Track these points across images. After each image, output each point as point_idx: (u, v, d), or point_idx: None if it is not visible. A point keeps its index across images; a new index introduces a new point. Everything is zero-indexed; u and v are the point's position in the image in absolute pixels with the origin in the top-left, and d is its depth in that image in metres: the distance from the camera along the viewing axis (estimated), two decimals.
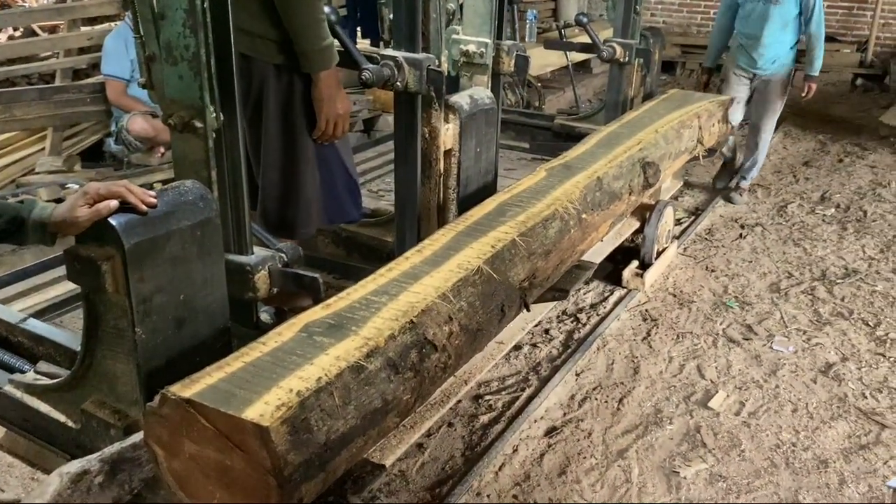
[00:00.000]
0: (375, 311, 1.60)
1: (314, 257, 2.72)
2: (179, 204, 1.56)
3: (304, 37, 2.05)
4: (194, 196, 1.59)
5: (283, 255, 1.91)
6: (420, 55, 2.25)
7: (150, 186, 3.13)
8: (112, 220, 1.45)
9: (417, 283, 1.74)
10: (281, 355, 1.43)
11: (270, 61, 2.12)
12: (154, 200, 1.51)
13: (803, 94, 4.51)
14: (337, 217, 2.44)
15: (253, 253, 1.89)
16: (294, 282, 1.87)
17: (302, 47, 2.07)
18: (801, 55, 4.42)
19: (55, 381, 1.77)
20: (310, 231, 2.37)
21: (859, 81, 8.25)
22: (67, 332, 2.16)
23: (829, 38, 8.34)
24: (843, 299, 3.50)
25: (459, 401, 2.58)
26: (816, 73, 4.40)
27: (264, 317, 2.04)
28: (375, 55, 2.31)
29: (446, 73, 2.38)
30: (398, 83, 2.26)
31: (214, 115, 1.66)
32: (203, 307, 1.64)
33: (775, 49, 4.32)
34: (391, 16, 2.35)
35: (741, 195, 4.69)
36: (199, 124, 1.65)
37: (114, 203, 1.46)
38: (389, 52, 2.28)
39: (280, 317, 2.09)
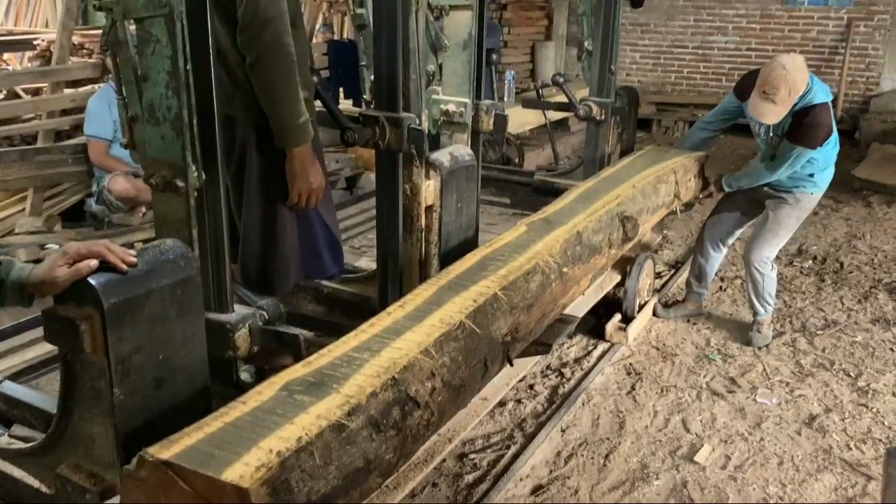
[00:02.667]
0: (357, 367, 1.59)
1: (295, 314, 2.71)
2: (160, 263, 1.56)
3: (278, 114, 2.06)
4: (175, 255, 1.59)
5: (263, 312, 1.90)
6: (401, 114, 2.29)
7: (130, 246, 3.13)
8: (91, 280, 1.45)
9: (400, 339, 1.74)
10: (261, 415, 1.41)
11: (253, 123, 2.15)
12: (134, 260, 1.51)
13: (701, 195, 3.82)
14: (315, 272, 2.45)
15: (233, 311, 1.89)
16: (275, 339, 1.86)
17: (276, 124, 2.07)
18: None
19: (29, 444, 1.73)
20: (288, 287, 2.37)
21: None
22: (43, 395, 2.11)
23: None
24: (823, 350, 3.52)
25: (444, 460, 2.55)
26: (728, 187, 3.59)
27: (244, 376, 2.02)
28: (357, 115, 2.35)
29: (427, 132, 2.42)
30: (380, 142, 2.30)
31: (196, 174, 1.68)
32: (182, 367, 1.62)
33: (774, 168, 3.39)
34: (372, 77, 2.39)
35: (760, 331, 3.59)
36: (180, 183, 1.67)
37: (94, 262, 1.45)
38: (371, 112, 2.32)
39: (260, 375, 2.07)
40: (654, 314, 3.84)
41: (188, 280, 1.60)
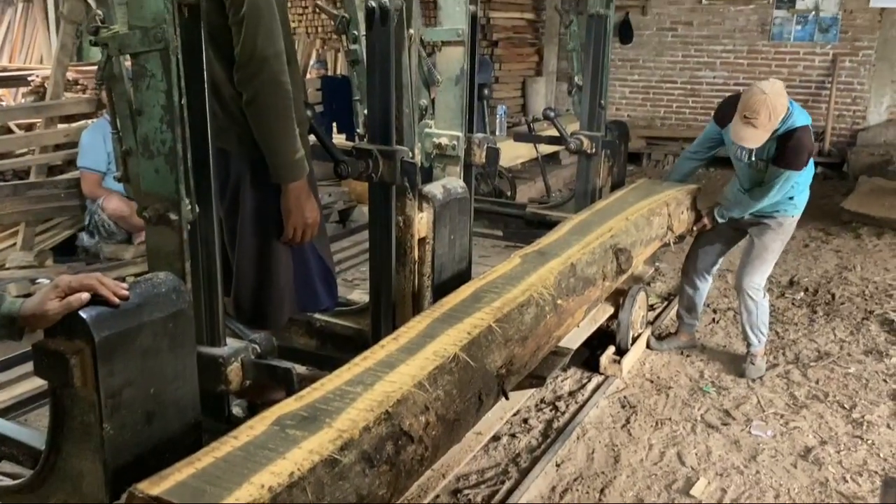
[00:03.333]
0: (350, 401, 1.57)
1: (288, 348, 2.69)
2: (152, 296, 1.55)
3: (275, 150, 2.07)
4: (167, 288, 1.58)
5: (256, 346, 1.89)
6: (394, 147, 2.30)
7: (122, 279, 3.12)
8: (82, 313, 1.44)
9: (393, 372, 1.73)
10: (253, 449, 1.39)
11: (248, 157, 2.16)
12: (126, 293, 1.50)
13: (695, 228, 3.75)
14: (310, 305, 2.44)
15: (226, 344, 1.87)
16: (267, 373, 1.85)
17: (272, 159, 2.08)
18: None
19: (17, 482, 1.70)
20: (283, 321, 2.36)
21: (819, 169, 8.55)
22: (32, 431, 2.08)
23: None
24: (817, 382, 3.51)
25: (437, 495, 2.51)
26: (721, 218, 3.58)
27: (236, 410, 2.00)
28: (351, 148, 2.37)
29: (420, 165, 2.44)
30: (373, 174, 2.31)
31: (189, 207, 1.68)
32: (173, 401, 1.61)
33: (762, 194, 3.41)
34: (365, 111, 2.41)
35: (754, 363, 3.58)
36: (173, 216, 1.67)
37: (85, 296, 1.44)
38: (364, 145, 2.33)
39: (252, 410, 2.05)
40: (648, 346, 3.84)
41: (180, 313, 1.59)
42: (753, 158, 3.42)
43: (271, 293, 2.24)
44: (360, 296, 2.97)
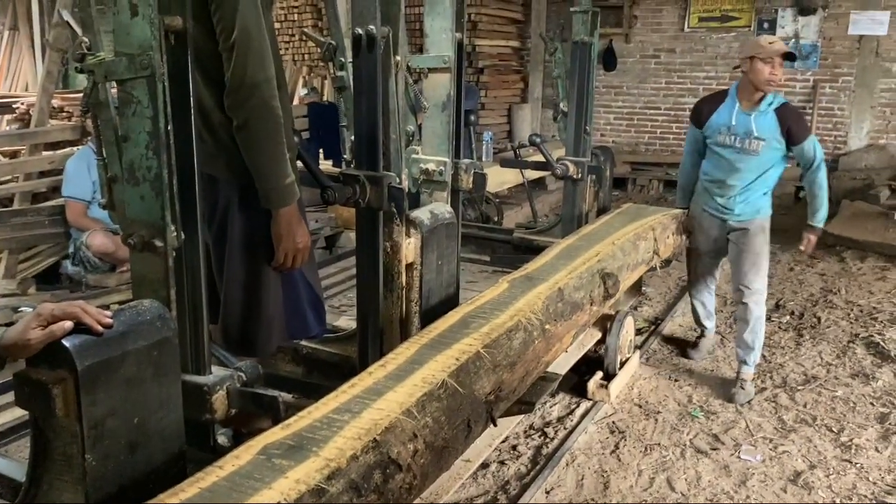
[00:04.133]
0: (337, 430, 1.55)
1: (274, 376, 2.66)
2: (136, 324, 1.53)
3: (265, 175, 2.04)
4: (152, 316, 1.57)
5: (241, 374, 1.87)
6: (381, 173, 2.30)
7: (106, 307, 3.09)
8: (65, 342, 1.41)
9: (381, 399, 1.71)
10: (238, 479, 1.37)
11: (236, 183, 2.14)
12: (110, 321, 1.48)
13: (802, 248, 3.75)
14: (299, 332, 2.42)
15: (211, 373, 1.85)
16: (253, 402, 1.83)
17: (262, 185, 2.06)
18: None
19: None
20: (271, 349, 2.33)
21: (802, 194, 8.64)
22: (12, 462, 2.04)
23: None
24: (805, 406, 3.51)
25: None
26: (820, 225, 3.65)
27: (222, 439, 1.97)
28: (338, 174, 2.37)
29: (407, 190, 2.44)
30: (360, 200, 2.31)
31: (175, 234, 1.67)
32: (157, 430, 1.58)
33: (745, 195, 3.63)
34: (352, 137, 2.42)
35: (744, 387, 3.58)
36: (159, 243, 1.65)
37: (68, 324, 1.42)
38: (352, 171, 2.33)
39: (238, 439, 2.02)
40: (689, 357, 4.01)
41: (165, 341, 1.57)
42: (754, 137, 3.48)
43: (260, 320, 2.22)
44: (347, 322, 2.95)
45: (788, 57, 3.44)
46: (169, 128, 1.62)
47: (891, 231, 6.07)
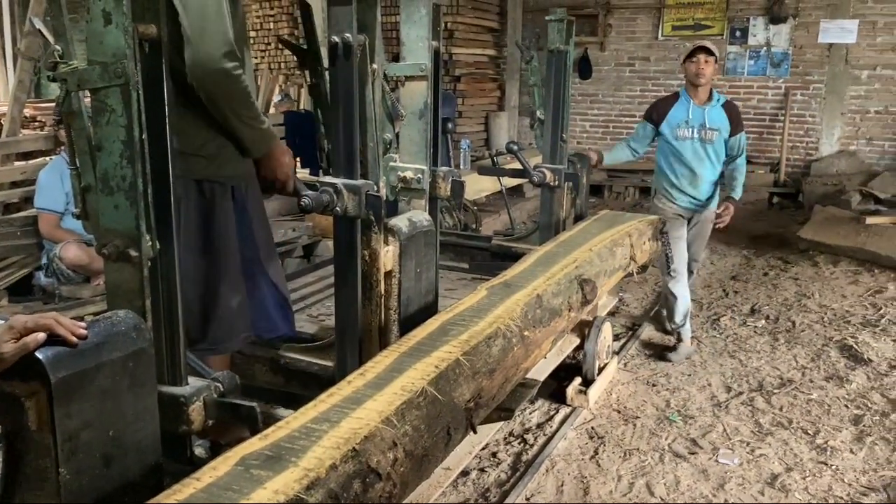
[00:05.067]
0: (316, 439, 1.54)
1: (252, 386, 2.64)
2: (111, 335, 1.51)
3: (243, 134, 2.18)
4: (127, 326, 1.55)
5: (218, 384, 1.85)
6: (358, 181, 2.30)
7: (81, 319, 3.05)
8: (38, 354, 1.39)
9: (360, 408, 1.70)
10: (216, 491, 1.35)
11: (191, 177, 2.17)
12: (84, 332, 1.46)
13: (718, 215, 4.15)
14: (265, 330, 2.42)
15: (187, 384, 1.83)
16: (230, 412, 1.81)
17: (244, 138, 2.20)
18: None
19: None
20: (232, 345, 2.33)
21: (776, 199, 8.77)
22: None
23: (745, 161, 8.95)
24: (781, 409, 3.55)
25: None
26: (738, 198, 4.25)
27: (199, 451, 1.94)
28: (315, 182, 2.36)
29: (385, 198, 2.43)
30: (338, 208, 2.30)
31: (150, 243, 1.65)
32: (133, 443, 1.56)
33: (708, 184, 4.15)
34: (329, 146, 2.41)
35: (679, 348, 4.18)
36: (134, 253, 1.63)
37: (41, 336, 1.40)
38: (329, 179, 2.32)
39: (216, 450, 2.00)
40: (670, 361, 4.14)
41: (140, 352, 1.56)
42: (708, 128, 4.03)
43: (216, 313, 2.23)
44: (326, 331, 2.93)
45: (706, 51, 3.99)
46: (143, 136, 1.61)
47: (862, 236, 6.16)
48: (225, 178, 2.25)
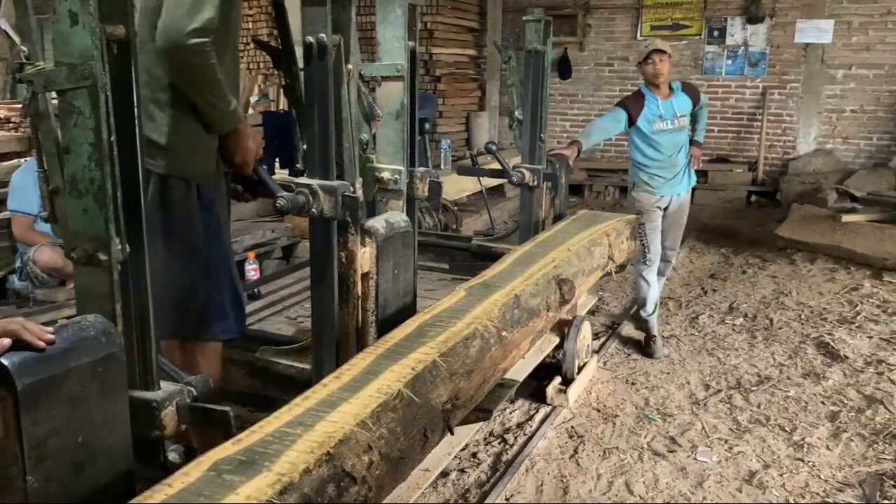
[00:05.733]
0: (290, 443, 1.53)
1: (228, 390, 2.62)
2: (80, 340, 1.49)
3: (207, 110, 2.20)
4: (96, 331, 1.52)
5: (192, 388, 1.82)
6: (335, 182, 2.28)
7: (54, 323, 3.01)
8: (4, 360, 1.37)
9: (335, 412, 1.69)
10: (188, 497, 1.33)
11: (154, 172, 2.19)
12: (52, 337, 1.44)
13: (692, 154, 4.36)
14: (223, 332, 2.41)
15: (160, 388, 1.81)
16: (204, 417, 1.79)
17: (210, 116, 2.21)
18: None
19: None
20: (178, 332, 2.36)
21: (754, 198, 8.84)
22: None
23: (723, 159, 9.03)
24: (759, 406, 3.58)
25: None
26: (702, 140, 4.55)
27: (173, 456, 1.92)
28: (291, 184, 2.34)
29: (361, 199, 2.42)
30: (314, 209, 2.28)
31: (120, 246, 1.63)
32: (104, 449, 1.54)
33: (683, 165, 4.31)
34: (305, 146, 2.39)
35: (654, 342, 4.33)
36: (103, 257, 1.61)
37: (6, 341, 1.38)
38: (304, 180, 2.31)
39: (191, 455, 1.97)
40: (653, 356, 4.24)
41: (111, 357, 1.53)
42: (679, 116, 4.23)
43: (173, 301, 2.25)
44: (304, 333, 2.91)
45: (659, 52, 4.16)
46: (112, 139, 1.58)
47: (839, 233, 6.23)
48: (190, 176, 2.25)
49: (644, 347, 4.33)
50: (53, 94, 1.59)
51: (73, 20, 1.51)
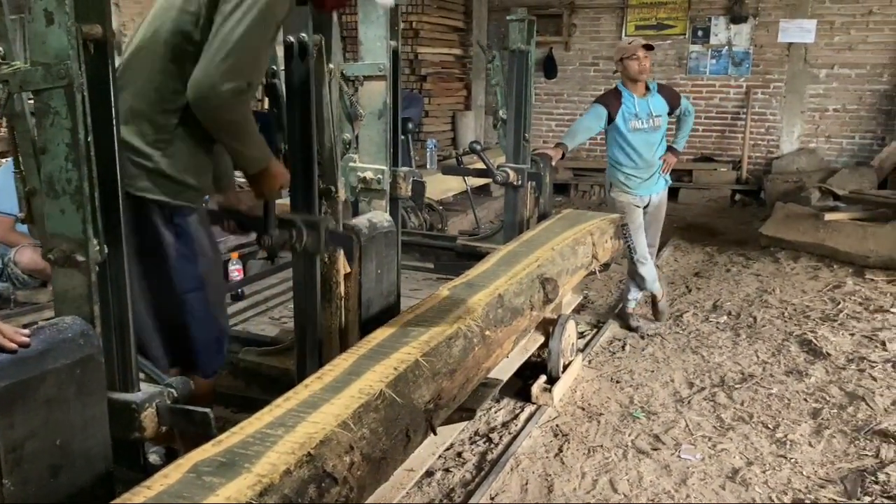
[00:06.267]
0: (270, 445, 1.52)
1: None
2: (57, 342, 1.48)
3: (239, 155, 2.13)
4: (74, 333, 1.51)
5: (172, 390, 1.81)
6: (317, 217, 2.28)
7: (35, 324, 2.97)
8: None
9: (316, 412, 1.68)
10: (167, 499, 1.33)
11: (165, 203, 2.08)
12: (26, 339, 1.42)
13: (664, 159, 4.42)
14: (203, 365, 2.28)
15: (139, 390, 1.79)
16: (184, 419, 1.77)
17: (239, 163, 2.16)
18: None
19: None
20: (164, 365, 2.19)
21: (738, 197, 8.89)
22: None
23: (708, 159, 9.08)
24: (742, 404, 3.60)
25: None
26: (681, 149, 4.60)
27: (153, 458, 1.90)
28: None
29: (344, 199, 2.41)
30: (296, 245, 2.28)
31: (98, 248, 1.61)
32: (82, 452, 1.53)
33: (658, 166, 4.40)
34: (286, 147, 2.38)
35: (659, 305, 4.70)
36: (81, 258, 1.59)
37: None
38: (287, 216, 2.28)
39: (171, 457, 1.96)
40: (640, 335, 4.49)
41: (89, 359, 1.52)
42: (654, 116, 4.26)
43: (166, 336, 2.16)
44: (287, 334, 2.90)
45: (648, 47, 4.18)
46: (89, 139, 1.57)
47: (822, 232, 6.27)
48: (164, 202, 2.08)
49: (653, 309, 4.73)
50: (30, 94, 1.58)
51: (48, 20, 1.49)
